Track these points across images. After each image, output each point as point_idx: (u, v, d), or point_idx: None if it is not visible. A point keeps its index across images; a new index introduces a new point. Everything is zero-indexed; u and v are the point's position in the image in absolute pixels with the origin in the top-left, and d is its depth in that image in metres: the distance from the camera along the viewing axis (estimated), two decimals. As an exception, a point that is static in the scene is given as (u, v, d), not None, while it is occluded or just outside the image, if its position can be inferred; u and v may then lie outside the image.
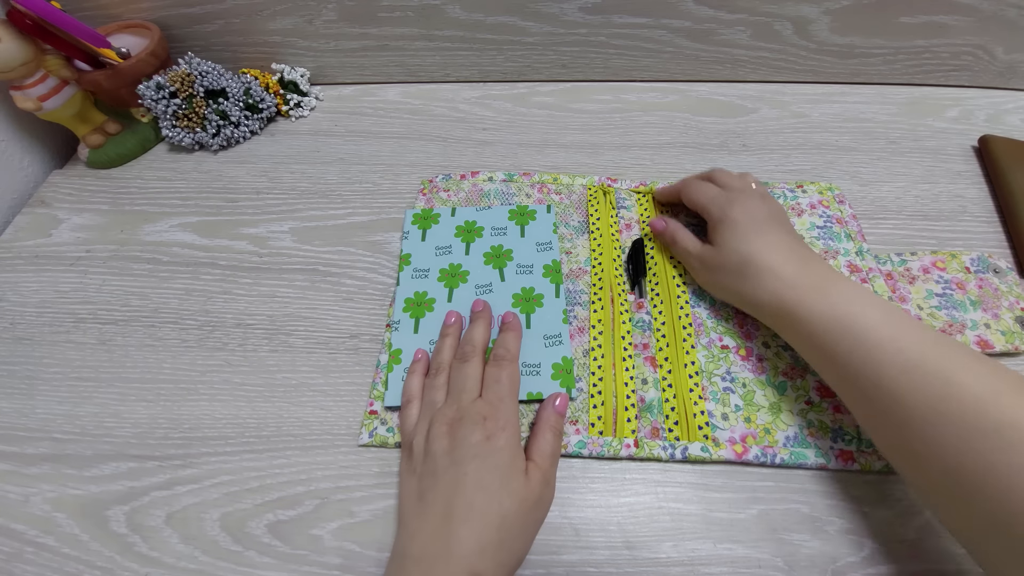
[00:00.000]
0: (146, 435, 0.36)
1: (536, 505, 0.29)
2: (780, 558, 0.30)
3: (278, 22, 0.53)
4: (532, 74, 0.58)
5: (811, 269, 0.33)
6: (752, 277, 0.34)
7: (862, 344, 0.28)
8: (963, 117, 0.53)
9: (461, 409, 0.31)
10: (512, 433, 0.30)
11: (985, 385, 0.25)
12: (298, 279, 0.43)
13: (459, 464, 0.29)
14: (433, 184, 0.48)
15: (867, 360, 0.28)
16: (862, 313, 0.29)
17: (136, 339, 0.40)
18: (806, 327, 0.31)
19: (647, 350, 0.37)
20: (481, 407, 0.31)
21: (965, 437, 0.24)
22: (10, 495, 0.34)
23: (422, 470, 0.30)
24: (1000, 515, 0.23)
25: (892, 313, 0.29)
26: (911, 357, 0.27)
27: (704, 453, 0.33)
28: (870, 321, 0.29)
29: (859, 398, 0.29)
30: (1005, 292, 0.39)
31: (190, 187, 0.50)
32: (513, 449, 0.30)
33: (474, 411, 0.31)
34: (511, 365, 0.34)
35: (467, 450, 0.29)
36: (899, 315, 0.29)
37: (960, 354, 0.27)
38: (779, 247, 0.34)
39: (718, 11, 0.50)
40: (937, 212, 0.45)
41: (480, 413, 0.31)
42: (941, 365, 0.26)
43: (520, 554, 0.28)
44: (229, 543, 0.32)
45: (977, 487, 0.24)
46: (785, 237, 0.35)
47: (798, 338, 0.32)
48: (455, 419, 0.31)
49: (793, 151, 0.50)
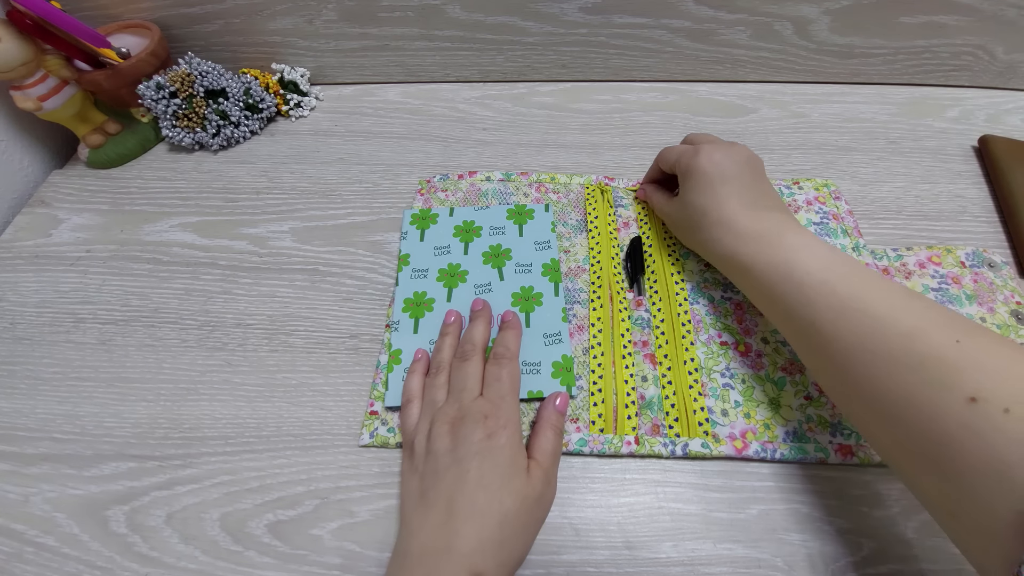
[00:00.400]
0: (146, 435, 0.36)
1: (537, 503, 0.29)
2: (780, 558, 0.30)
3: (278, 22, 0.53)
4: (532, 74, 0.58)
5: (764, 219, 0.33)
6: (707, 229, 0.35)
7: (800, 288, 0.30)
8: (963, 117, 0.53)
9: (462, 408, 0.31)
10: (513, 431, 0.30)
11: (913, 322, 0.26)
12: (298, 279, 0.43)
13: (461, 462, 0.29)
14: (431, 184, 0.48)
15: (805, 303, 0.29)
16: (801, 260, 0.30)
17: (136, 339, 0.40)
18: (754, 276, 0.33)
19: (646, 347, 0.37)
20: (482, 406, 0.31)
21: (891, 372, 0.25)
22: (10, 495, 0.34)
23: (424, 469, 0.30)
24: (920, 442, 0.24)
25: (830, 258, 0.30)
26: (843, 298, 0.28)
27: (704, 449, 0.33)
28: (808, 267, 0.30)
29: (801, 340, 0.31)
30: (1000, 286, 0.39)
31: (190, 187, 0.50)
32: (515, 447, 0.30)
33: (475, 410, 0.31)
34: (511, 363, 0.34)
35: (469, 448, 0.29)
36: (837, 260, 0.30)
37: (891, 292, 0.28)
38: (736, 198, 0.34)
39: (718, 11, 0.50)
40: (937, 212, 0.45)
41: (481, 412, 0.31)
42: (871, 304, 0.27)
43: (521, 552, 0.28)
44: (229, 543, 0.32)
45: (900, 417, 0.25)
46: (744, 187, 0.35)
47: (747, 287, 0.34)
48: (456, 418, 0.31)
49: (793, 151, 0.50)
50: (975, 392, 0.22)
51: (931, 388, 0.24)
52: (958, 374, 0.23)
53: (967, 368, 0.23)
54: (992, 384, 0.22)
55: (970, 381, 0.23)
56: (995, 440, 0.21)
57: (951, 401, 0.23)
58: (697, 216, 0.36)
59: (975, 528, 0.22)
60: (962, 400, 0.22)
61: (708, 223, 0.35)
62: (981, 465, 0.21)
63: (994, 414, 0.21)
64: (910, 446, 0.25)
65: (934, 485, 0.24)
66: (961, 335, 0.24)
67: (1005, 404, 0.21)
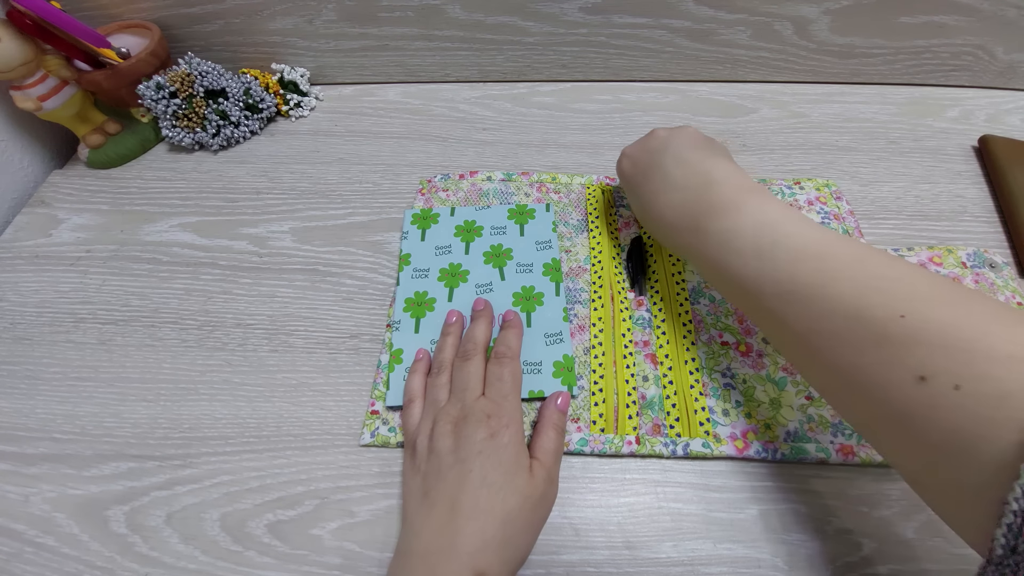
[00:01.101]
0: (146, 435, 0.36)
1: (540, 502, 0.29)
2: (780, 558, 0.30)
3: (278, 22, 0.53)
4: (532, 74, 0.58)
5: (688, 208, 0.33)
6: (653, 233, 0.37)
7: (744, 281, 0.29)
8: (963, 117, 0.53)
9: (465, 407, 0.31)
10: (516, 430, 0.30)
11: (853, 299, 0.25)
12: (298, 279, 0.43)
13: (464, 462, 0.29)
14: (432, 184, 0.48)
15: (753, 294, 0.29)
16: (736, 251, 0.29)
17: (136, 339, 0.40)
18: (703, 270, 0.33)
19: (647, 347, 0.37)
20: (484, 405, 0.31)
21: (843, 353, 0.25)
22: (10, 495, 0.34)
23: (426, 468, 0.30)
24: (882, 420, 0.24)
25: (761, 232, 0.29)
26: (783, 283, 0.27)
27: (705, 449, 0.33)
28: (743, 255, 0.29)
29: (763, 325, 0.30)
30: (1001, 287, 0.39)
31: (190, 187, 0.50)
32: (517, 446, 0.30)
33: (478, 409, 0.31)
34: (513, 363, 0.34)
35: (471, 447, 0.29)
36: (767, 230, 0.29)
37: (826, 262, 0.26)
38: (659, 195, 0.35)
39: (718, 11, 0.50)
40: (937, 212, 0.45)
41: (484, 411, 0.31)
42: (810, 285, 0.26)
43: (524, 551, 0.28)
44: (229, 543, 0.32)
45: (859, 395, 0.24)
46: (663, 176, 0.35)
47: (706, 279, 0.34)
48: (459, 417, 0.31)
49: (793, 151, 0.50)
50: (922, 370, 0.21)
51: (881, 368, 0.23)
52: (905, 351, 0.22)
53: (911, 345, 0.22)
54: (940, 360, 0.21)
55: (915, 359, 0.22)
56: (952, 417, 0.20)
57: (900, 380, 0.22)
58: (642, 222, 0.38)
59: (942, 497, 0.22)
60: (911, 379, 0.22)
61: (649, 227, 0.37)
62: (934, 439, 0.21)
63: (945, 392, 0.21)
64: (874, 424, 0.25)
65: (899, 456, 0.24)
66: (905, 308, 0.23)
67: (955, 381, 0.21)
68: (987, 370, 0.20)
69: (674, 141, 0.36)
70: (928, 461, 0.22)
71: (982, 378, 0.20)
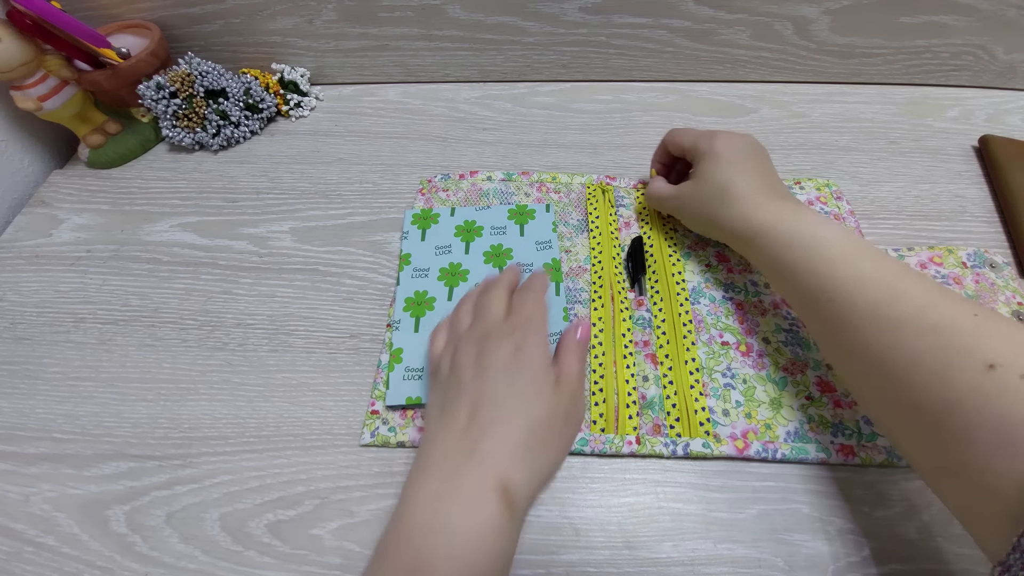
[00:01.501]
0: (146, 435, 0.36)
1: (566, 418, 0.28)
2: (780, 558, 0.30)
3: (278, 22, 0.53)
4: (532, 74, 0.58)
5: (782, 199, 0.35)
6: (727, 203, 0.36)
7: (818, 256, 0.31)
8: (963, 117, 0.53)
9: (488, 325, 0.31)
10: (542, 349, 0.29)
11: (929, 297, 0.27)
12: (298, 279, 0.43)
13: (486, 371, 0.28)
14: (432, 184, 0.48)
15: (823, 275, 0.30)
16: (822, 235, 0.31)
17: (136, 339, 0.40)
18: (769, 240, 0.33)
19: (647, 347, 0.37)
20: (509, 323, 0.30)
21: (903, 336, 0.26)
22: (10, 495, 0.34)
23: (447, 383, 0.29)
24: (926, 403, 0.25)
25: (849, 235, 0.31)
26: (863, 270, 0.29)
27: (705, 449, 0.33)
28: (829, 239, 0.31)
29: (809, 306, 0.31)
30: (1001, 287, 0.39)
31: (190, 187, 0.50)
32: (542, 360, 0.29)
33: (503, 327, 0.30)
34: (539, 293, 0.32)
35: (495, 361, 0.28)
36: (855, 236, 0.32)
37: (907, 270, 0.29)
38: (755, 178, 0.36)
39: (718, 11, 0.50)
40: (937, 212, 0.45)
41: (509, 328, 0.30)
42: (889, 277, 0.28)
43: (549, 467, 0.28)
44: (229, 543, 0.32)
45: (906, 380, 0.25)
46: (762, 171, 0.37)
47: (759, 251, 0.34)
48: (483, 335, 0.30)
49: (793, 151, 0.50)
50: (994, 359, 0.23)
51: (944, 353, 0.24)
52: (975, 342, 0.24)
53: (985, 337, 0.24)
54: (1011, 353, 0.23)
55: (988, 349, 0.23)
56: (1009, 403, 0.22)
57: (966, 366, 0.23)
58: (716, 191, 0.36)
59: (977, 488, 0.23)
60: (979, 366, 0.23)
61: (731, 196, 0.35)
62: (990, 425, 0.22)
63: (1010, 379, 0.22)
64: (914, 407, 0.25)
65: (935, 447, 0.25)
66: (977, 310, 0.25)
67: (1022, 371, 0.22)
68: None
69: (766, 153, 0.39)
70: (972, 449, 0.23)
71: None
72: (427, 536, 0.24)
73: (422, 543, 0.24)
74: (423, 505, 0.25)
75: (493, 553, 0.24)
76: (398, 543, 0.25)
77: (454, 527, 0.24)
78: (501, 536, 0.24)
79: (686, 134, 0.40)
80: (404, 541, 0.25)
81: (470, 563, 0.24)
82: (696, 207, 0.38)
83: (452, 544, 0.24)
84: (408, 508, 0.26)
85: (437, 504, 0.25)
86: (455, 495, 0.25)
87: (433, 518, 0.25)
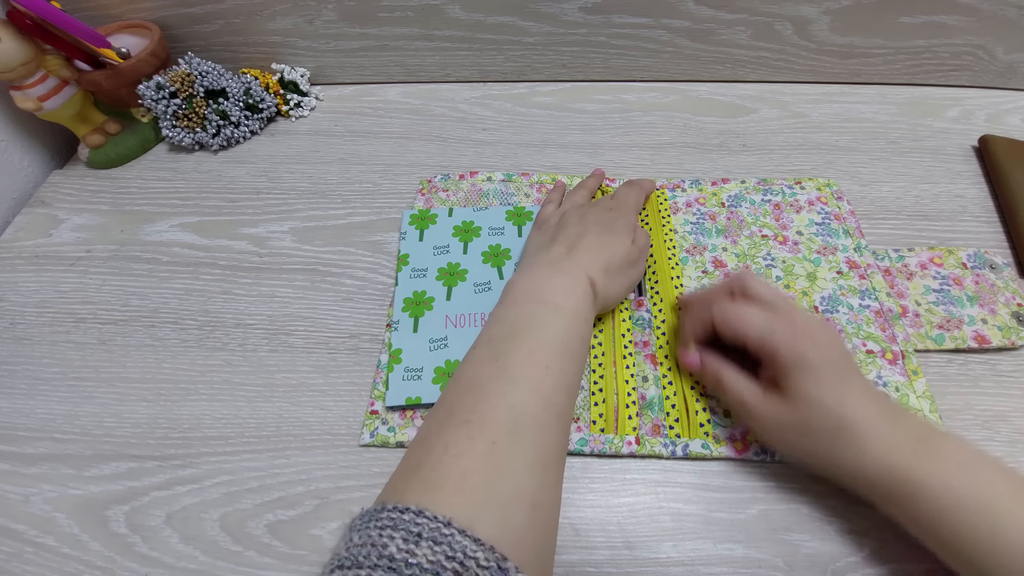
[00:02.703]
0: (146, 435, 0.36)
1: (635, 264, 0.37)
2: (780, 558, 0.30)
3: (278, 22, 0.53)
4: (532, 74, 0.58)
5: (903, 422, 0.27)
6: (850, 441, 0.27)
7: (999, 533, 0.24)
8: (963, 117, 0.53)
9: (596, 202, 0.41)
10: (631, 220, 0.39)
11: None
12: (298, 279, 0.43)
13: (584, 222, 0.37)
14: (432, 184, 0.48)
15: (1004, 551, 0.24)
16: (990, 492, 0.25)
17: (136, 339, 0.40)
18: (926, 504, 0.25)
19: (647, 348, 0.37)
20: (608, 201, 0.41)
21: None
22: (10, 495, 0.34)
23: (554, 230, 0.38)
24: None
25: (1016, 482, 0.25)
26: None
27: (705, 450, 0.33)
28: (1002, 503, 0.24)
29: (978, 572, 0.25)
30: (1001, 288, 0.39)
31: (190, 187, 0.50)
32: (628, 225, 0.38)
33: (603, 202, 0.40)
34: (643, 190, 0.43)
35: (593, 217, 0.38)
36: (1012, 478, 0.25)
37: None
38: (867, 398, 0.28)
39: (718, 11, 0.50)
40: (937, 212, 0.45)
41: (607, 203, 0.40)
42: None
43: (617, 291, 0.36)
44: (229, 543, 0.32)
45: None
46: (863, 380, 0.29)
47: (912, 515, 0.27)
48: (585, 206, 0.40)
49: (793, 151, 0.50)
50: None
51: None
52: None
53: None
54: None
55: None
56: None
57: None
58: (832, 425, 0.27)
59: None
60: None
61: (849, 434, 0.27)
62: None
63: None
64: None
65: None
66: None
67: None
68: None
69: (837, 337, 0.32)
70: None
71: None
72: (531, 305, 0.31)
73: (525, 310, 0.31)
74: (529, 284, 0.33)
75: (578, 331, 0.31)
76: (504, 310, 0.32)
77: (555, 297, 0.31)
78: (586, 315, 0.32)
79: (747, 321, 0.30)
80: (510, 307, 0.32)
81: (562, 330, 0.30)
82: (798, 439, 0.29)
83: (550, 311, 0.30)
84: (515, 286, 0.33)
85: (542, 283, 0.32)
86: (556, 276, 0.33)
87: (539, 290, 0.32)
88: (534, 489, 0.24)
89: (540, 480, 0.24)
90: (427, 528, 0.20)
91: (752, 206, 0.45)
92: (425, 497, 0.22)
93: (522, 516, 0.23)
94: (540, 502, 0.24)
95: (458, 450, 0.24)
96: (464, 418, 0.26)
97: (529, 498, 0.23)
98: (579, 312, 0.31)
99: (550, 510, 0.25)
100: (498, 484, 0.23)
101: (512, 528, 0.22)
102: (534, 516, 0.23)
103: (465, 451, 0.24)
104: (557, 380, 0.28)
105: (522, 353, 0.29)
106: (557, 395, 0.28)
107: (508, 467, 0.24)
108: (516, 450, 0.24)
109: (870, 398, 0.28)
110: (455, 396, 0.28)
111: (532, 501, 0.23)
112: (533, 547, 0.23)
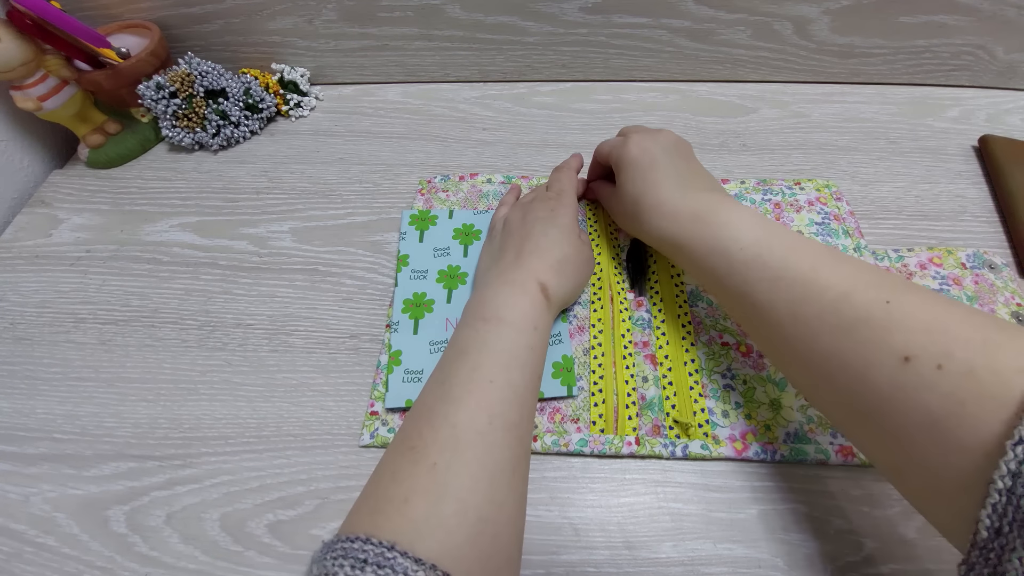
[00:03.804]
0: (146, 435, 0.36)
1: (586, 261, 0.38)
2: (780, 558, 0.30)
3: (278, 22, 0.53)
4: (532, 74, 0.58)
5: (695, 200, 0.34)
6: (643, 215, 0.35)
7: (732, 263, 0.30)
8: (963, 117, 0.53)
9: (535, 195, 0.41)
10: (571, 211, 0.39)
11: (842, 286, 0.26)
12: (298, 279, 0.43)
13: (528, 225, 0.37)
14: (432, 184, 0.48)
15: (738, 276, 0.30)
16: (733, 236, 0.30)
17: (136, 339, 0.40)
18: (688, 254, 0.33)
19: (647, 348, 0.37)
20: (548, 193, 0.40)
21: (824, 335, 0.25)
22: (10, 495, 0.34)
23: (501, 237, 0.39)
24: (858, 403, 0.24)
25: (761, 230, 0.30)
26: (774, 268, 0.28)
27: (704, 451, 0.33)
28: (740, 241, 0.30)
29: (737, 310, 0.31)
30: (1001, 288, 0.39)
31: (190, 187, 0.50)
32: (571, 219, 0.38)
33: (543, 196, 0.40)
34: (571, 169, 0.44)
35: (536, 217, 0.38)
36: (767, 231, 0.30)
37: (820, 257, 0.28)
38: (666, 182, 0.35)
39: (718, 11, 0.50)
40: (937, 212, 0.45)
41: (546, 197, 0.40)
42: (801, 271, 0.27)
43: (572, 289, 0.37)
44: (229, 543, 0.32)
45: (836, 379, 0.25)
46: (675, 170, 0.36)
47: (685, 265, 0.35)
48: (526, 204, 0.40)
49: (793, 151, 0.50)
50: (907, 351, 0.22)
51: (864, 348, 0.24)
52: (889, 334, 0.23)
53: (897, 328, 0.23)
54: (924, 341, 0.22)
55: (901, 340, 0.22)
56: (927, 398, 0.21)
57: (884, 361, 0.23)
58: (632, 204, 0.36)
59: (922, 486, 0.22)
60: (896, 360, 0.22)
61: (643, 209, 0.35)
62: (915, 423, 0.21)
63: (926, 372, 0.21)
64: (849, 408, 0.25)
65: (877, 445, 0.24)
66: (890, 295, 0.24)
67: (937, 360, 0.21)
68: (967, 352, 0.21)
69: (685, 147, 0.38)
70: (908, 447, 0.22)
71: (963, 359, 0.21)
72: (476, 324, 0.32)
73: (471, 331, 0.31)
74: (476, 304, 0.33)
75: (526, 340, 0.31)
76: (455, 334, 0.32)
77: (498, 312, 0.32)
78: (536, 322, 0.32)
79: (605, 144, 0.41)
80: (459, 330, 0.32)
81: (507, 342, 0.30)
82: (621, 219, 0.40)
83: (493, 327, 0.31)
84: (466, 308, 0.34)
85: (489, 301, 0.33)
86: (503, 290, 0.33)
87: (484, 308, 0.32)
88: (479, 503, 0.24)
89: (487, 494, 0.25)
90: (372, 554, 0.21)
91: (752, 205, 0.45)
92: (372, 524, 0.23)
93: (466, 531, 0.23)
94: (487, 515, 0.24)
95: (402, 476, 0.25)
96: (410, 444, 0.26)
97: (474, 513, 0.24)
98: (526, 321, 0.32)
99: (502, 521, 0.25)
100: (440, 503, 0.23)
101: (456, 544, 0.23)
102: (481, 529, 0.24)
103: (408, 476, 0.25)
104: (503, 393, 0.28)
105: (464, 371, 0.29)
106: (505, 407, 0.28)
107: (448, 485, 0.24)
108: (458, 467, 0.25)
109: (665, 182, 0.35)
110: (407, 424, 0.28)
111: (477, 515, 0.24)
112: (479, 560, 0.23)
